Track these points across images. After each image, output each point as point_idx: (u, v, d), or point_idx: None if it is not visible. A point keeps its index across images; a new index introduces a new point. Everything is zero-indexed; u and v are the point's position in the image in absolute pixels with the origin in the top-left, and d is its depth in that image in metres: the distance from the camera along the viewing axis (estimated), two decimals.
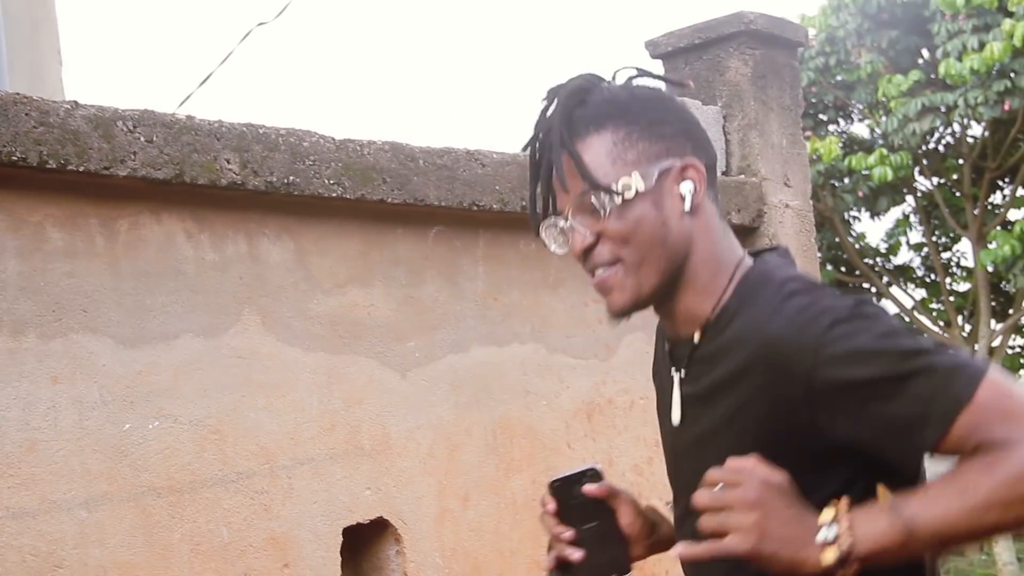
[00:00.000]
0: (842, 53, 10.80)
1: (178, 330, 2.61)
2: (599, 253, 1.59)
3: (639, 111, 1.59)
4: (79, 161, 2.42)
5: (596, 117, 1.58)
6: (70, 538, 2.40)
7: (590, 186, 1.56)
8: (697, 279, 1.60)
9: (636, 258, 1.57)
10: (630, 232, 1.56)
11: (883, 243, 12.88)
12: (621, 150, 1.57)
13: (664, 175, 1.58)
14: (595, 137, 1.57)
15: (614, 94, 1.61)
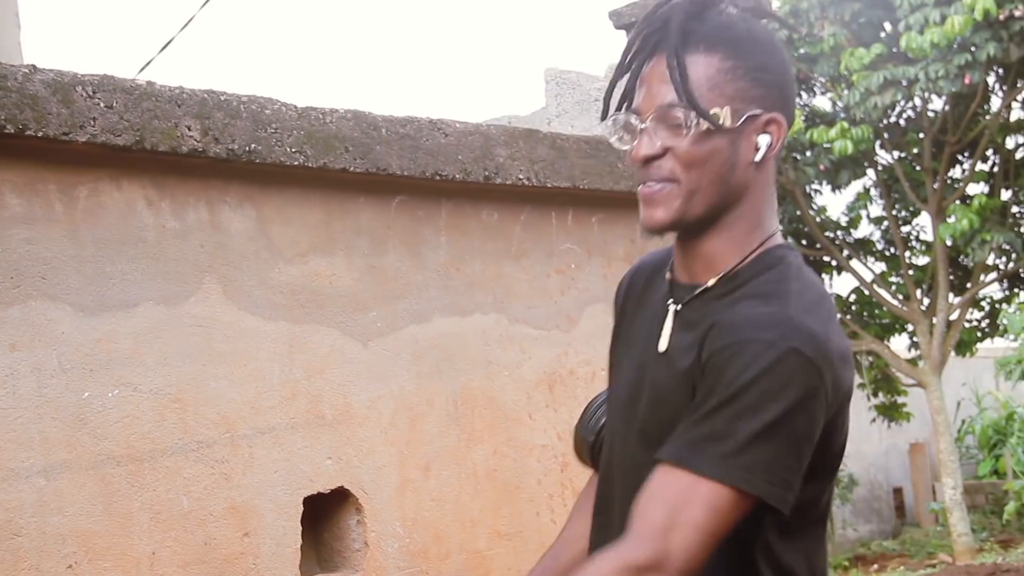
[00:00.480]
0: (805, 26, 10.83)
1: (138, 298, 2.60)
2: (661, 166, 1.58)
3: (750, 49, 1.59)
4: (38, 126, 2.40)
5: (710, 38, 1.57)
6: (28, 506, 2.39)
7: (686, 102, 1.55)
8: (734, 229, 1.61)
9: (694, 185, 1.57)
10: (700, 160, 1.56)
11: (844, 216, 12.95)
12: (723, 80, 1.56)
13: (750, 120, 1.58)
14: (703, 57, 1.56)
15: (732, 21, 1.60)
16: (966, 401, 16.45)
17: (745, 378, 1.45)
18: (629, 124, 1.61)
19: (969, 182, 11.78)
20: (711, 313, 1.57)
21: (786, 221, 11.63)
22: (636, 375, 1.67)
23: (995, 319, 12.64)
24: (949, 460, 11.52)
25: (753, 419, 1.45)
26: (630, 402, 1.66)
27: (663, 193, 1.58)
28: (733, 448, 1.45)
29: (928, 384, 11.69)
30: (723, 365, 1.48)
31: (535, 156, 3.35)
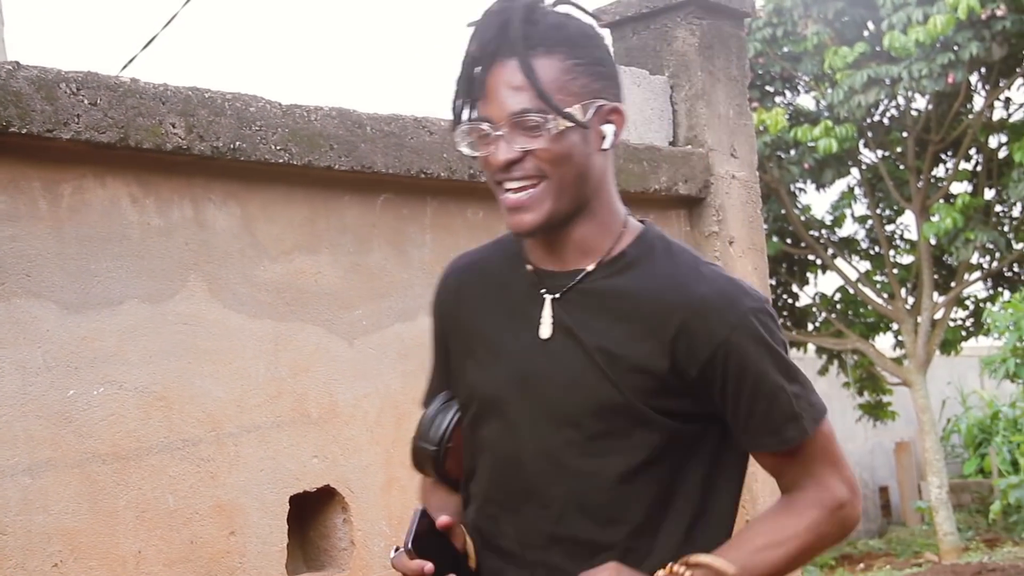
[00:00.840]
0: (789, 24, 10.81)
1: (123, 295, 2.59)
2: (524, 168, 1.63)
3: (586, 45, 1.66)
4: (21, 123, 2.39)
5: (547, 39, 1.62)
6: (13, 504, 2.38)
7: (544, 104, 1.60)
8: (598, 215, 1.70)
9: (560, 183, 1.63)
10: (561, 157, 1.63)
11: (828, 215, 12.96)
12: (568, 78, 1.63)
13: (597, 112, 1.65)
14: (545, 59, 1.62)
15: (562, 21, 1.66)
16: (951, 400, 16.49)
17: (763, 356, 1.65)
18: (481, 132, 1.65)
19: (953, 181, 11.81)
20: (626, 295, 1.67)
21: (771, 220, 11.65)
22: (518, 368, 1.71)
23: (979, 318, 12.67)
24: (935, 459, 11.55)
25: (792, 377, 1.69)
26: (524, 392, 1.70)
27: (531, 196, 1.63)
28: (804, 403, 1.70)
29: (913, 383, 11.71)
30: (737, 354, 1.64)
31: None
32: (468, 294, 1.81)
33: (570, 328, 1.68)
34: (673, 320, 1.64)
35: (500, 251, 1.81)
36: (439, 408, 1.83)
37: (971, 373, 16.78)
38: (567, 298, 1.69)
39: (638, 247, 1.70)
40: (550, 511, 1.69)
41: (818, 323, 12.87)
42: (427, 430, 1.83)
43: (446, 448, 1.80)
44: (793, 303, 12.79)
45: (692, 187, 3.94)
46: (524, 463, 1.70)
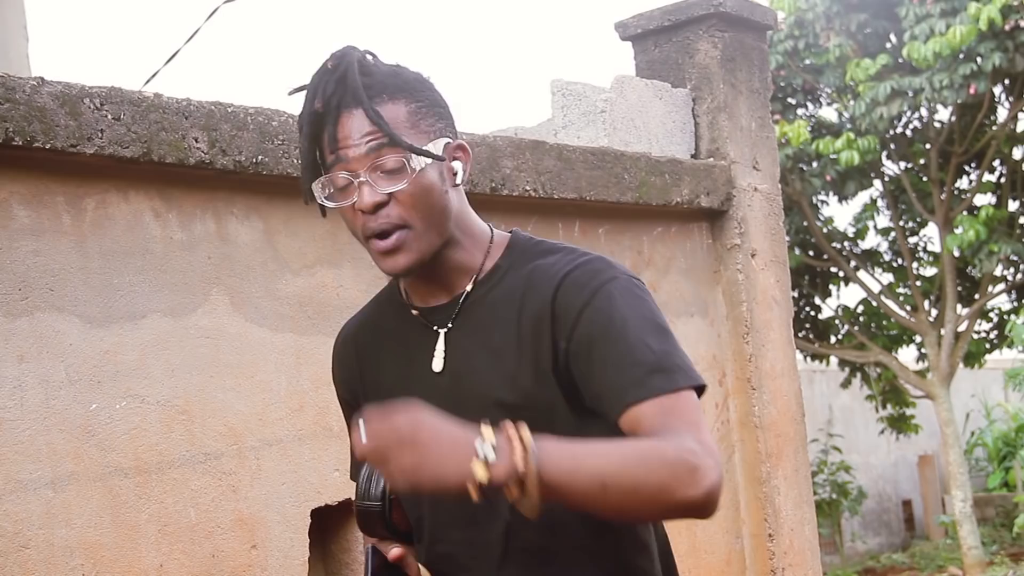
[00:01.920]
0: (811, 36, 10.79)
1: (145, 309, 2.60)
2: (389, 214, 1.66)
3: (422, 89, 1.72)
4: (46, 138, 2.40)
5: (387, 87, 1.68)
6: (36, 518, 2.39)
7: (402, 147, 1.64)
8: (462, 242, 1.75)
9: (425, 223, 1.68)
10: (423, 197, 1.67)
11: (851, 227, 12.90)
12: (416, 120, 1.69)
13: (446, 149, 1.72)
14: (390, 104, 1.67)
15: (395, 70, 1.72)
16: (975, 413, 16.39)
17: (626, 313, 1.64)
18: (342, 180, 1.68)
19: (976, 193, 11.75)
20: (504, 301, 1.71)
21: (792, 232, 11.61)
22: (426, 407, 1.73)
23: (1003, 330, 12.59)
24: (958, 472, 11.47)
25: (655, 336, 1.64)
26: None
27: (400, 240, 1.67)
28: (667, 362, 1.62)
29: (937, 396, 11.64)
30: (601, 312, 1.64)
31: (541, 167, 3.35)
32: (367, 353, 1.87)
33: (467, 350, 1.74)
34: (548, 296, 1.68)
35: (385, 305, 1.88)
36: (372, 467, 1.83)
37: (995, 386, 16.69)
38: (457, 325, 1.75)
39: (509, 256, 1.77)
40: (496, 528, 1.72)
41: (840, 336, 12.81)
42: (366, 489, 1.83)
43: (390, 501, 1.81)
44: (815, 315, 12.74)
45: (714, 200, 3.93)
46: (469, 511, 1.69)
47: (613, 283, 1.67)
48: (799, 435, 4.17)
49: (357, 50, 1.71)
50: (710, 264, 4.05)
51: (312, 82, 1.70)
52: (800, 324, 12.43)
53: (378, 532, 1.84)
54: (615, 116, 3.85)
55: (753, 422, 3.99)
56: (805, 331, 12.50)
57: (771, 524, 3.98)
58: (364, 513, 1.83)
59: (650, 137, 3.95)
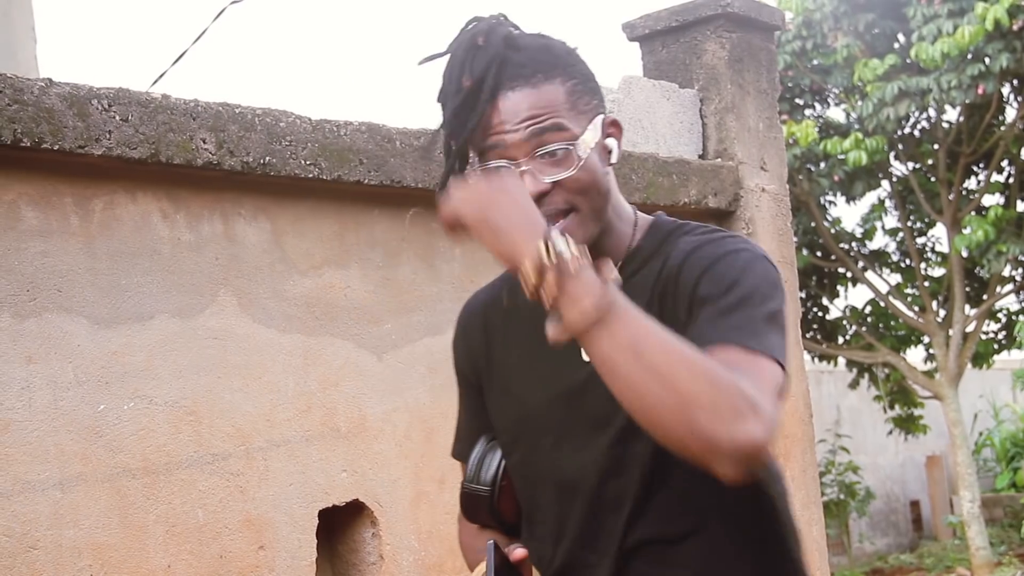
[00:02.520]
0: (819, 37, 10.79)
1: (153, 310, 2.60)
2: (554, 201, 1.57)
3: (575, 63, 1.61)
4: (54, 139, 2.40)
5: (542, 64, 1.57)
6: (44, 519, 2.39)
7: (559, 131, 1.55)
8: (614, 224, 1.67)
9: (590, 207, 1.59)
10: (589, 183, 1.58)
11: (859, 228, 12.89)
12: (574, 100, 1.58)
13: (603, 128, 1.62)
14: (548, 84, 1.56)
15: (545, 44, 1.61)
16: (983, 413, 16.37)
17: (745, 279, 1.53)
18: (495, 169, 1.56)
19: (984, 193, 11.74)
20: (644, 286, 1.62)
21: (800, 232, 11.60)
22: (559, 387, 1.66)
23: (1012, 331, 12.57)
24: (966, 473, 11.46)
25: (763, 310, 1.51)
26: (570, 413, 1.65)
27: (567, 226, 1.56)
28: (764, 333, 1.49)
29: (945, 396, 11.63)
30: (717, 275, 1.54)
31: None
32: (496, 330, 1.77)
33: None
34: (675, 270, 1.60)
35: (512, 282, 1.74)
36: (485, 449, 1.77)
37: (1003, 386, 16.66)
38: None
39: (651, 239, 1.68)
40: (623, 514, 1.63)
41: (848, 336, 12.80)
42: (476, 472, 1.76)
43: (500, 488, 1.74)
44: (823, 316, 12.73)
45: (722, 200, 3.92)
46: (586, 477, 1.64)
47: (738, 254, 1.57)
48: (807, 436, 4.16)
49: (504, 22, 1.60)
50: None
51: (456, 56, 1.57)
52: (808, 325, 12.42)
53: (480, 518, 1.77)
54: (622, 116, 3.85)
55: None
56: (813, 332, 12.49)
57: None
58: (470, 497, 1.76)
59: (657, 138, 3.95)
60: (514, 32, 1.60)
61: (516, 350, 1.74)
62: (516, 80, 1.54)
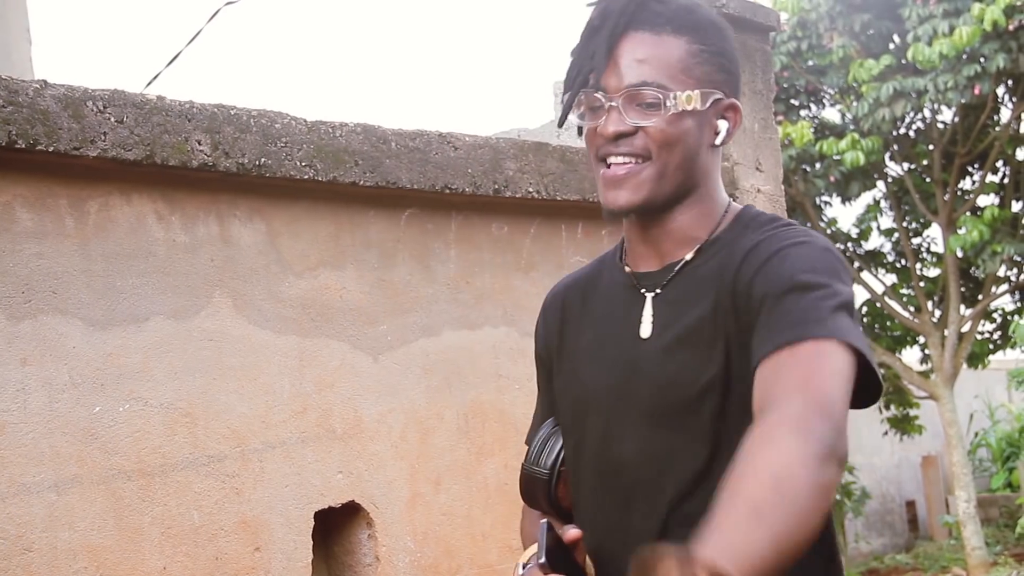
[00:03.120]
0: (814, 37, 10.81)
1: (148, 312, 2.60)
2: (634, 143, 1.59)
3: (713, 34, 1.63)
4: (49, 141, 2.40)
5: (676, 20, 1.60)
6: (39, 521, 2.39)
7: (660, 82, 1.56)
8: (700, 205, 1.66)
9: (666, 164, 1.60)
10: (673, 140, 1.59)
11: (854, 228, 12.92)
12: (692, 63, 1.60)
13: (715, 104, 1.62)
14: (672, 39, 1.59)
15: (692, 5, 1.63)
16: (979, 413, 16.39)
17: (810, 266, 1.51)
18: (595, 100, 1.61)
19: (979, 194, 11.76)
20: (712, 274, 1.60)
21: None
22: (618, 370, 1.66)
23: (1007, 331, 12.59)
24: (962, 473, 11.47)
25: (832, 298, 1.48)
26: (621, 397, 1.64)
27: (631, 173, 1.60)
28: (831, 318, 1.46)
29: (940, 396, 11.65)
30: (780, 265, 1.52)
31: (544, 169, 3.35)
32: (572, 311, 1.78)
33: (668, 322, 1.63)
34: (731, 276, 1.58)
35: (601, 265, 1.79)
36: (549, 433, 1.78)
37: (999, 386, 16.68)
38: (668, 292, 1.65)
39: (733, 229, 1.66)
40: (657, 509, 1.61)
41: None
42: (538, 455, 1.76)
43: (559, 472, 1.74)
44: None
45: None
46: (626, 464, 1.63)
47: (792, 247, 1.55)
48: None
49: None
50: None
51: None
52: None
53: (539, 502, 1.77)
54: None
55: None
56: None
57: None
58: (530, 479, 1.76)
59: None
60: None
61: (589, 332, 1.74)
62: (645, 24, 1.58)
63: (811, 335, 1.44)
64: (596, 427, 1.68)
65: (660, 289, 1.66)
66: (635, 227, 1.69)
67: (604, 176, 1.62)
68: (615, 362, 1.67)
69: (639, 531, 1.62)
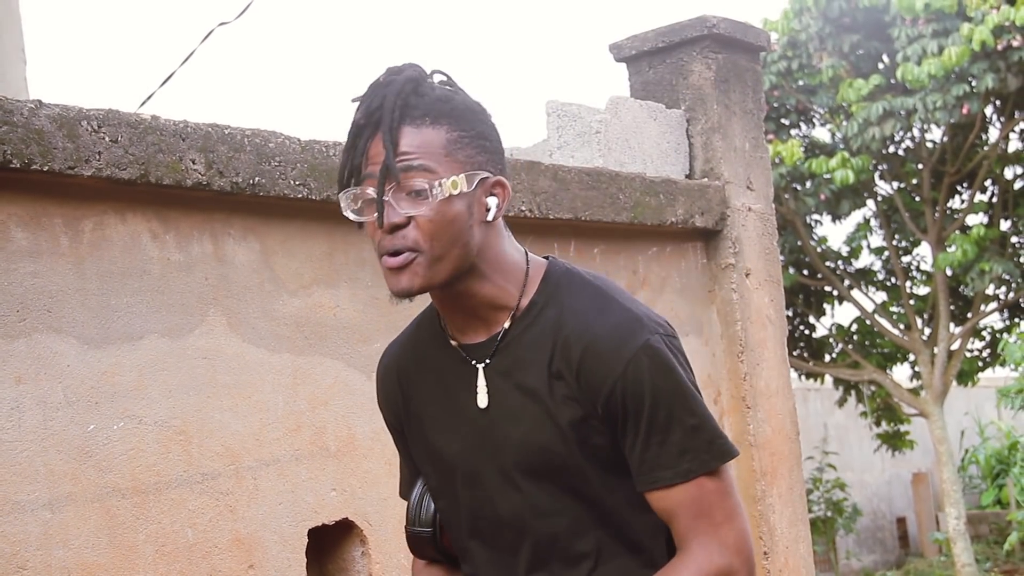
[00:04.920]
0: (804, 57, 10.86)
1: (143, 330, 2.61)
2: (405, 235, 1.66)
3: (471, 119, 1.71)
4: (43, 160, 2.41)
5: (433, 111, 1.67)
6: (34, 539, 2.39)
7: (425, 172, 1.64)
8: (490, 276, 1.73)
9: (438, 251, 1.67)
10: (442, 226, 1.66)
11: (844, 247, 12.96)
12: (453, 149, 1.67)
13: (481, 183, 1.70)
14: (431, 128, 1.66)
15: (447, 95, 1.71)
16: (969, 431, 16.42)
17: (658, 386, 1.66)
18: (366, 197, 1.68)
19: (968, 212, 11.81)
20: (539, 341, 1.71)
21: (787, 251, 11.65)
22: (469, 438, 1.77)
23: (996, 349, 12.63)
24: (952, 490, 11.49)
25: (688, 414, 1.68)
26: (478, 462, 1.77)
27: (407, 261, 1.67)
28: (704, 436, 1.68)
29: (930, 414, 11.67)
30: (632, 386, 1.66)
31: (537, 188, 3.37)
32: (409, 378, 1.87)
33: (505, 390, 1.74)
34: (575, 359, 1.69)
35: (424, 332, 1.88)
36: (422, 492, 1.88)
37: (988, 404, 16.73)
38: (495, 362, 1.75)
39: (544, 292, 1.75)
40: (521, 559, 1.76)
41: (835, 354, 12.84)
42: (416, 514, 1.88)
43: (440, 526, 1.86)
44: (810, 334, 12.77)
45: (708, 219, 3.95)
46: (506, 521, 1.76)
47: (643, 351, 1.67)
48: (794, 454, 4.18)
49: (418, 68, 1.72)
50: (705, 284, 4.07)
51: (366, 92, 1.71)
52: (794, 343, 12.46)
53: (428, 555, 1.90)
54: (610, 137, 3.87)
55: (748, 441, 4.00)
56: (799, 350, 12.52)
57: (766, 542, 3.99)
58: (415, 538, 1.88)
59: (645, 158, 3.97)
60: (427, 79, 1.71)
61: (430, 404, 1.84)
62: (405, 119, 1.65)
63: (706, 471, 1.68)
64: (465, 490, 1.79)
65: (489, 359, 1.75)
66: (442, 300, 1.77)
67: (385, 265, 1.70)
68: (463, 431, 1.78)
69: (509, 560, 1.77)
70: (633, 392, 1.66)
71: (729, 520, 1.68)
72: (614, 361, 1.66)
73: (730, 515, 1.69)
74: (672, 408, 1.67)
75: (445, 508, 1.84)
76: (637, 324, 1.69)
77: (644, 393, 1.66)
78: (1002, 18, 9.56)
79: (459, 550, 1.85)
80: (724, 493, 1.69)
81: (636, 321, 1.70)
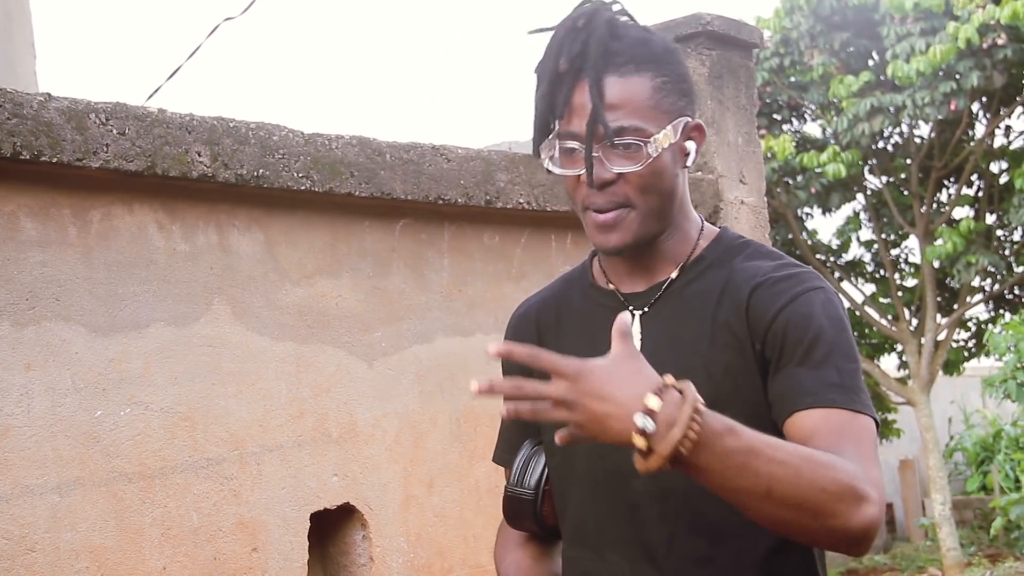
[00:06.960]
0: (796, 54, 10.92)
1: (149, 319, 2.65)
2: (615, 192, 1.60)
3: (670, 62, 1.62)
4: (52, 152, 2.45)
5: (636, 56, 1.58)
6: (42, 522, 2.43)
7: (636, 132, 1.56)
8: (679, 228, 1.69)
9: (651, 206, 1.61)
10: (652, 180, 1.60)
11: (835, 239, 13.03)
12: (659, 98, 1.60)
13: (684, 130, 1.63)
14: (636, 77, 1.58)
15: (644, 36, 1.62)
16: (955, 419, 16.51)
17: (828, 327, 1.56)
18: (569, 150, 1.60)
19: (955, 206, 11.88)
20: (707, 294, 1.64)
21: (778, 244, 11.70)
22: None
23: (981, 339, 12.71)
24: (938, 476, 11.58)
25: (853, 365, 1.56)
26: None
27: (620, 218, 1.61)
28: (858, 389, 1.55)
29: (917, 402, 11.75)
30: (799, 320, 1.57)
31: (535, 181, 3.42)
32: (549, 331, 1.78)
33: (660, 339, 1.65)
34: (744, 297, 1.61)
35: (568, 285, 1.80)
36: (530, 453, 1.78)
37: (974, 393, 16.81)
38: (654, 310, 1.68)
39: (716, 249, 1.69)
40: (661, 532, 1.63)
41: None
42: (520, 476, 1.76)
43: (544, 492, 1.75)
44: None
45: (702, 212, 3.98)
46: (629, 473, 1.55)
47: (817, 292, 1.60)
48: None
49: (609, 8, 1.62)
50: None
51: (557, 35, 1.60)
52: None
53: (525, 523, 1.78)
54: None
55: None
56: None
57: None
58: (514, 500, 1.76)
59: None
60: (617, 19, 1.61)
61: (572, 350, 1.67)
62: (609, 67, 1.56)
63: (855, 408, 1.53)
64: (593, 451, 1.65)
65: (648, 307, 1.68)
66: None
67: (594, 221, 1.63)
68: None
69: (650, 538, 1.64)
70: (798, 323, 1.56)
71: (875, 463, 1.51)
72: (786, 292, 1.59)
73: (875, 460, 1.52)
74: (833, 348, 1.55)
75: (559, 463, 1.72)
76: (814, 275, 1.63)
77: (809, 326, 1.56)
78: (987, 17, 9.63)
79: (563, 512, 1.73)
80: (870, 438, 1.53)
81: (812, 273, 1.63)
